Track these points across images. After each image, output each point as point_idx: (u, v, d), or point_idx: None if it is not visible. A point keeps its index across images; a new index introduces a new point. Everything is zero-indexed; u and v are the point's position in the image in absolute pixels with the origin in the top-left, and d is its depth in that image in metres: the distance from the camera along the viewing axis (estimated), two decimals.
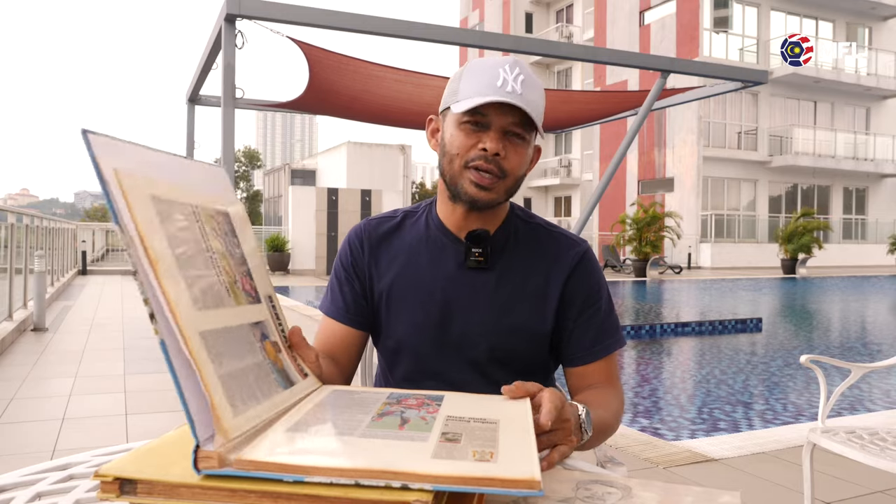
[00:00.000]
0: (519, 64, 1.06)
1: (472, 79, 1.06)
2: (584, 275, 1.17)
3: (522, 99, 1.03)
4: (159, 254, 0.61)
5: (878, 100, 26.57)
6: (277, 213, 25.43)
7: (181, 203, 0.69)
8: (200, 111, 6.89)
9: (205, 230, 0.72)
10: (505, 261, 1.16)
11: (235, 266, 0.77)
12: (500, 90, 1.03)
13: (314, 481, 0.57)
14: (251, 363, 0.72)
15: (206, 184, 0.79)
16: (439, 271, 1.16)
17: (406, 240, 1.20)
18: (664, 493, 0.69)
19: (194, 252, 0.68)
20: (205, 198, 0.76)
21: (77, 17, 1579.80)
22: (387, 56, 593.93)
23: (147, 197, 0.63)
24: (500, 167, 1.06)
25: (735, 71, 4.80)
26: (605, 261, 20.57)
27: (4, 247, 6.94)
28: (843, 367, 2.27)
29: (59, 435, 3.31)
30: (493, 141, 1.05)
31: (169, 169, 0.71)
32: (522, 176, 1.11)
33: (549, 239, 1.19)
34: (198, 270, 0.67)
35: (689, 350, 7.28)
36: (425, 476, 0.57)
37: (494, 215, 1.16)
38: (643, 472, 2.79)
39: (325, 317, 1.24)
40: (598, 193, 5.04)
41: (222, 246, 0.75)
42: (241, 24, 4.11)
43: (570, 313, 1.15)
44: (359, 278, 1.21)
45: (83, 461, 0.90)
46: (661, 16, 24.65)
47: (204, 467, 0.58)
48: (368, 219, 1.26)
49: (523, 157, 1.09)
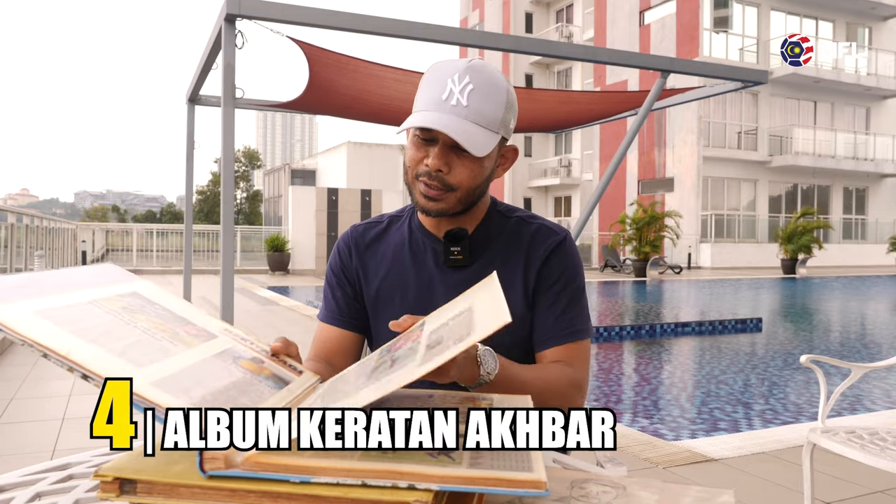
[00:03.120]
0: (471, 70, 1.05)
1: (424, 89, 1.08)
2: (558, 261, 1.17)
3: (466, 111, 1.03)
4: (66, 345, 0.62)
5: (878, 100, 26.57)
6: (277, 213, 25.46)
7: (70, 305, 0.71)
8: (200, 111, 6.87)
9: (114, 310, 0.74)
10: (485, 257, 1.17)
11: (170, 322, 0.79)
12: (445, 104, 1.03)
13: (320, 482, 0.57)
14: (229, 382, 0.72)
15: (97, 280, 0.82)
16: (421, 272, 1.19)
17: (391, 244, 1.23)
18: (661, 492, 0.69)
19: (108, 329, 0.69)
20: (101, 290, 0.78)
21: (77, 16, 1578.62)
22: (387, 56, 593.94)
23: (31, 314, 0.65)
24: (444, 182, 1.08)
25: (735, 71, 4.80)
26: (606, 261, 20.57)
27: (4, 247, 6.94)
28: (843, 367, 2.28)
29: (59, 435, 3.31)
30: (435, 157, 1.06)
31: (51, 286, 0.74)
32: (479, 186, 1.12)
33: (528, 230, 1.20)
34: (122, 341, 0.68)
35: (689, 350, 7.28)
36: (432, 476, 0.57)
37: (471, 215, 1.18)
38: (643, 471, 2.79)
39: (321, 323, 1.26)
40: (598, 193, 5.04)
41: (144, 314, 0.78)
42: (241, 24, 4.11)
43: (540, 299, 1.16)
44: (350, 283, 1.24)
45: (83, 461, 0.90)
46: (661, 16, 24.65)
47: (210, 468, 0.58)
48: (355, 225, 1.29)
49: (473, 170, 1.09)
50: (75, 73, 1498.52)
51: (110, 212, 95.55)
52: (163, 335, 0.74)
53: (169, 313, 0.82)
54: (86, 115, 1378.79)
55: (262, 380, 0.78)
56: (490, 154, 1.09)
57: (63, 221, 13.82)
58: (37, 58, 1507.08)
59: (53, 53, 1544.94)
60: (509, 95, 1.09)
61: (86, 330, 0.66)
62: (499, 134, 1.08)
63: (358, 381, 0.75)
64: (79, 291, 0.75)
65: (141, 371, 0.63)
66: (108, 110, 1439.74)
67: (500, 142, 1.11)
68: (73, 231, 16.00)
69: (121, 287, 0.82)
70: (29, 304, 0.66)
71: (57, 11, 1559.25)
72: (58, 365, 0.61)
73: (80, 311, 0.70)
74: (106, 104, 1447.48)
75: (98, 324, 0.69)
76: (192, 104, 7.41)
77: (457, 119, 1.03)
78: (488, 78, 1.06)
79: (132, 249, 18.83)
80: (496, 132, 1.07)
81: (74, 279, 0.79)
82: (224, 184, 4.68)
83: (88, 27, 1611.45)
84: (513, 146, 1.18)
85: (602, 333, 7.41)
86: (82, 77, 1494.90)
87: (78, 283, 0.78)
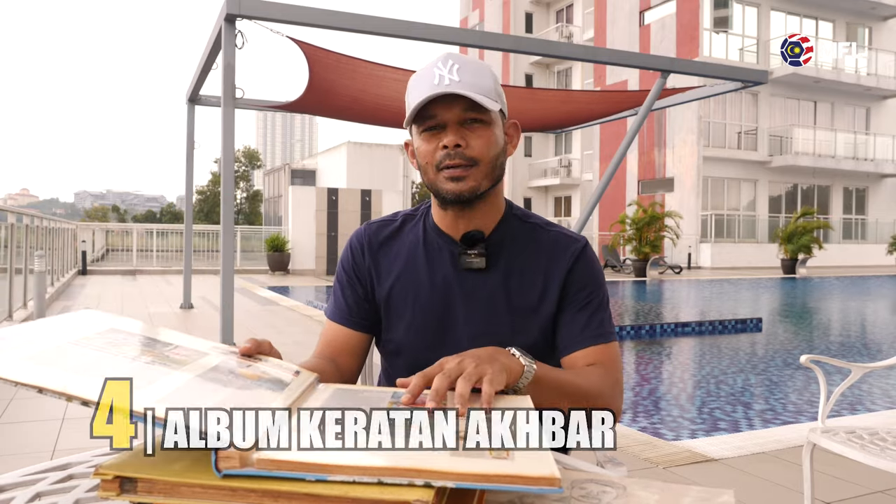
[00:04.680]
0: (452, 56, 1.07)
1: (413, 89, 1.09)
2: (583, 269, 1.17)
3: (461, 85, 1.04)
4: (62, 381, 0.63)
5: (878, 100, 26.56)
6: (277, 213, 25.45)
7: (56, 346, 0.73)
8: (200, 111, 6.87)
9: (100, 345, 0.76)
10: (503, 261, 1.16)
11: (156, 347, 0.80)
12: (438, 87, 1.04)
13: (337, 480, 0.57)
14: (229, 392, 0.72)
15: (80, 325, 0.84)
16: (436, 274, 1.17)
17: (405, 244, 1.21)
18: (661, 492, 0.69)
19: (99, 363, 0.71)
20: (86, 332, 0.80)
21: (77, 16, 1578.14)
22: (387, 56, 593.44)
23: (21, 360, 0.67)
24: (465, 156, 1.07)
25: (735, 71, 4.81)
26: (605, 261, 20.56)
27: (4, 247, 6.94)
28: (843, 367, 2.28)
29: (59, 435, 3.31)
30: (450, 135, 1.06)
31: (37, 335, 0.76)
32: (497, 157, 1.11)
33: (547, 238, 1.19)
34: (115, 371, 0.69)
35: (689, 350, 7.28)
36: (448, 473, 0.57)
37: (488, 216, 1.16)
38: (643, 471, 2.79)
39: (328, 321, 1.25)
40: (598, 193, 5.05)
41: (129, 345, 0.79)
42: (241, 24, 4.12)
43: (566, 305, 1.15)
44: (360, 282, 1.22)
45: (83, 461, 0.90)
46: (661, 16, 24.65)
47: (225, 467, 0.58)
48: (369, 223, 1.27)
49: (488, 138, 1.09)
50: (75, 73, 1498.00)
51: (110, 212, 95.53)
52: (154, 359, 0.75)
53: (151, 340, 0.83)
54: (86, 115, 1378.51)
55: (261, 384, 0.78)
56: (498, 123, 1.10)
57: (63, 221, 13.81)
58: (37, 58, 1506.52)
59: (54, 53, 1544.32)
60: (494, 74, 1.11)
61: (78, 366, 0.68)
62: (498, 104, 1.08)
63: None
64: (61, 336, 0.77)
65: (140, 392, 0.64)
66: (108, 110, 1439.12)
67: (502, 115, 1.12)
68: (73, 231, 15.99)
69: (100, 328, 0.84)
70: (15, 352, 0.68)
71: (57, 11, 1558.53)
72: (55, 398, 0.62)
73: (67, 351, 0.71)
74: (106, 104, 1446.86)
75: (89, 360, 0.70)
76: (192, 104, 7.39)
77: (458, 88, 1.05)
78: (470, 59, 1.09)
79: (132, 249, 18.82)
80: (496, 101, 1.08)
81: (55, 327, 0.81)
82: (224, 184, 4.69)
83: (88, 27, 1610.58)
84: (513, 121, 1.17)
85: None
86: (82, 77, 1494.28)
87: (59, 329, 0.80)
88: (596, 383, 1.06)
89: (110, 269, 16.96)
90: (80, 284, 12.94)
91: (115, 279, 14.54)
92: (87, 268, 16.03)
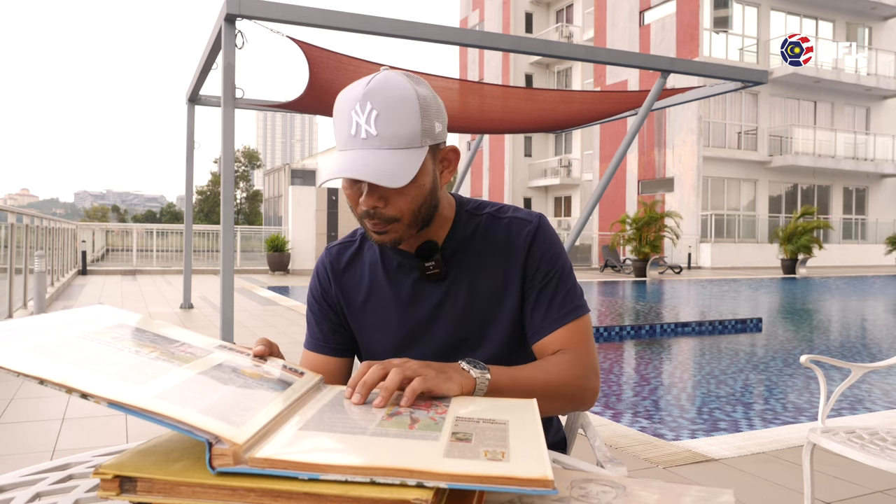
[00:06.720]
0: (370, 95, 0.97)
1: (336, 126, 1.03)
2: (539, 249, 1.14)
3: (377, 140, 0.97)
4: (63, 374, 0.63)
5: (878, 100, 26.57)
6: (277, 213, 25.44)
7: (63, 338, 0.74)
8: (200, 111, 6.89)
9: (106, 340, 0.77)
10: (461, 265, 1.15)
11: (162, 344, 0.81)
12: (355, 140, 0.98)
13: (329, 479, 0.57)
14: (231, 389, 0.72)
15: (89, 319, 0.85)
16: (400, 291, 1.16)
17: (366, 263, 1.21)
18: (661, 492, 0.69)
19: (103, 356, 0.71)
20: (95, 326, 0.82)
21: (77, 16, 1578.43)
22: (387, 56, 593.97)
23: (24, 351, 0.67)
24: (384, 217, 1.03)
25: (735, 71, 4.81)
26: (606, 261, 20.57)
27: (4, 247, 6.94)
28: (843, 367, 2.28)
29: (59, 435, 3.31)
30: (366, 197, 1.01)
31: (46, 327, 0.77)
32: (422, 204, 1.05)
33: (500, 227, 1.16)
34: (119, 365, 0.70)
35: (689, 350, 7.28)
36: (441, 474, 0.57)
37: (438, 226, 1.14)
38: (643, 472, 2.79)
39: (305, 350, 1.25)
40: (598, 193, 5.05)
41: (136, 340, 0.80)
42: (241, 24, 4.12)
43: (528, 289, 1.14)
44: (332, 309, 1.23)
45: (83, 461, 0.90)
46: (661, 16, 24.65)
47: (219, 465, 0.58)
48: (329, 247, 1.26)
49: (410, 193, 1.02)
50: (75, 73, 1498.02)
51: (110, 212, 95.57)
52: (158, 355, 0.76)
53: (159, 337, 0.84)
54: (86, 115, 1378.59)
55: (265, 383, 0.78)
56: (424, 168, 1.02)
57: (63, 221, 13.81)
58: (37, 58, 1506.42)
59: (54, 53, 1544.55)
60: (423, 101, 1.00)
61: (80, 359, 0.68)
62: (424, 147, 1.00)
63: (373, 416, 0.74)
64: (70, 328, 0.77)
65: (142, 387, 0.64)
66: (108, 110, 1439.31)
67: (433, 149, 1.04)
68: (73, 231, 15.99)
69: (113, 322, 0.85)
70: (20, 342, 0.69)
71: (57, 11, 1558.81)
72: (55, 389, 0.62)
73: (72, 344, 0.72)
74: (106, 104, 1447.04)
75: (92, 353, 0.71)
76: (192, 104, 7.39)
77: (369, 153, 0.97)
78: (391, 95, 0.98)
79: (132, 249, 18.82)
80: (420, 147, 1.00)
81: (65, 320, 0.81)
82: (224, 184, 4.69)
83: (88, 27, 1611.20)
84: (451, 147, 1.09)
85: (602, 333, 7.41)
86: (82, 77, 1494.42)
87: (70, 322, 0.81)
88: (562, 372, 1.05)
89: (110, 269, 16.96)
90: (80, 284, 12.94)
91: (115, 279, 14.54)
92: (87, 268, 16.04)
